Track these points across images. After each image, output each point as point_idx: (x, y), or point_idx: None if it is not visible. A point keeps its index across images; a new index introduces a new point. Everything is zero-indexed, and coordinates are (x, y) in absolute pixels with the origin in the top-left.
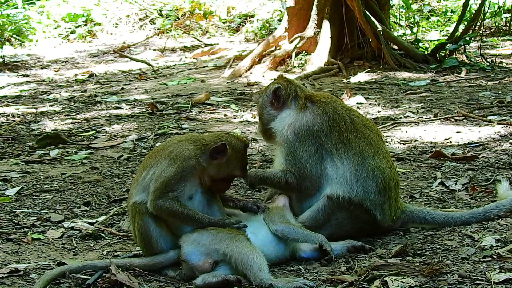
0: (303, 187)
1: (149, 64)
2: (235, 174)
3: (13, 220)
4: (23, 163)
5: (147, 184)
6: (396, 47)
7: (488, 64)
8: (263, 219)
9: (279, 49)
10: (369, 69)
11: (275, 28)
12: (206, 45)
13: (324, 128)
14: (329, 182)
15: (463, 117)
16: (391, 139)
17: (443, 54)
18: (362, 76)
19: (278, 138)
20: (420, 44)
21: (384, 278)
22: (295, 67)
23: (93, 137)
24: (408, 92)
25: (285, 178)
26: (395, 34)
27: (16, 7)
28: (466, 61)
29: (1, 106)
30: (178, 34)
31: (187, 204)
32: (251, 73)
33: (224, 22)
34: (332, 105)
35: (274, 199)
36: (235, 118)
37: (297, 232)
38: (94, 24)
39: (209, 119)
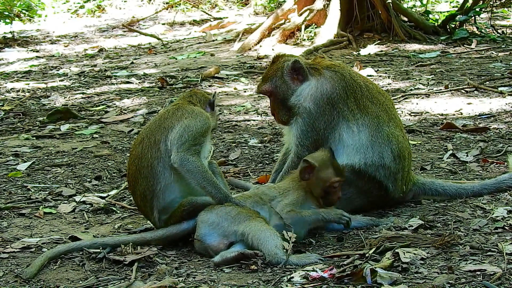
0: None
1: (158, 38)
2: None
3: (25, 195)
4: (34, 138)
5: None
6: (406, 19)
7: (498, 35)
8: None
9: (289, 22)
10: (379, 41)
11: (284, 1)
12: (215, 18)
13: (342, 94)
14: (345, 149)
15: (474, 89)
16: (402, 111)
17: (453, 26)
18: (372, 49)
19: (297, 110)
20: (430, 16)
21: (396, 250)
22: (304, 40)
23: (103, 112)
24: (418, 64)
25: (297, 156)
26: (405, 5)
27: None
28: (477, 32)
29: (12, 82)
30: (187, 8)
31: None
32: (260, 46)
33: None
34: (347, 70)
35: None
36: (245, 91)
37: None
38: None
39: (219, 93)
